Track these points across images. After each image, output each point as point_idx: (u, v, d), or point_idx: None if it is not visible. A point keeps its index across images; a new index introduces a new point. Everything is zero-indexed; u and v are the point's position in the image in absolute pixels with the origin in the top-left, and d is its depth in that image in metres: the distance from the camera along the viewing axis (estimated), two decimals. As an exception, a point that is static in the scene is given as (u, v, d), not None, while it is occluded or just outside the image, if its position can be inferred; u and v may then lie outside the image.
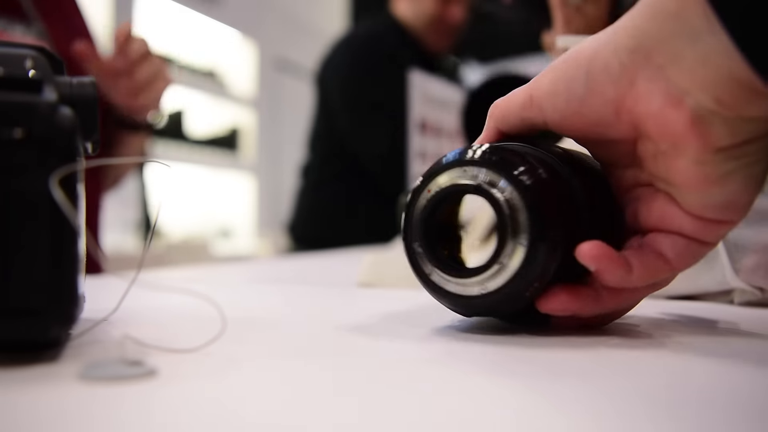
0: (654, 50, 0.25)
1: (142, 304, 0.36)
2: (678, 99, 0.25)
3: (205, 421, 0.17)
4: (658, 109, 0.26)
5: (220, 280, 0.63)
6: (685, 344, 0.28)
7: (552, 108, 0.29)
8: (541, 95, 0.29)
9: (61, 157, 0.21)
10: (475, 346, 0.27)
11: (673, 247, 0.28)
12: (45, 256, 0.21)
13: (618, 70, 0.26)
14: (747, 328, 0.33)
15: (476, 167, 0.28)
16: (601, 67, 0.27)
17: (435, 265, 0.29)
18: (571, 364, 0.24)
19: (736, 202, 0.27)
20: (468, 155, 0.28)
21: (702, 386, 0.22)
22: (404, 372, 0.23)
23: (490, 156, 0.28)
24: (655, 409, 0.19)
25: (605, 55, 0.27)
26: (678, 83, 0.25)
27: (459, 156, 0.28)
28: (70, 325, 0.23)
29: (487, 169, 0.27)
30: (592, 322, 0.31)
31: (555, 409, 0.18)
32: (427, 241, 0.29)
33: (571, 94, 0.28)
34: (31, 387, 0.20)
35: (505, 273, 0.27)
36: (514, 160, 0.27)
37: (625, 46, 0.26)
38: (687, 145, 0.26)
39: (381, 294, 0.47)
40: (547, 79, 0.29)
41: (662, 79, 0.25)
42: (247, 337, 0.28)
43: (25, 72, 0.24)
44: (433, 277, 0.29)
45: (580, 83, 0.27)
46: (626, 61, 0.26)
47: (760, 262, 0.40)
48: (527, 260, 0.27)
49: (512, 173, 0.27)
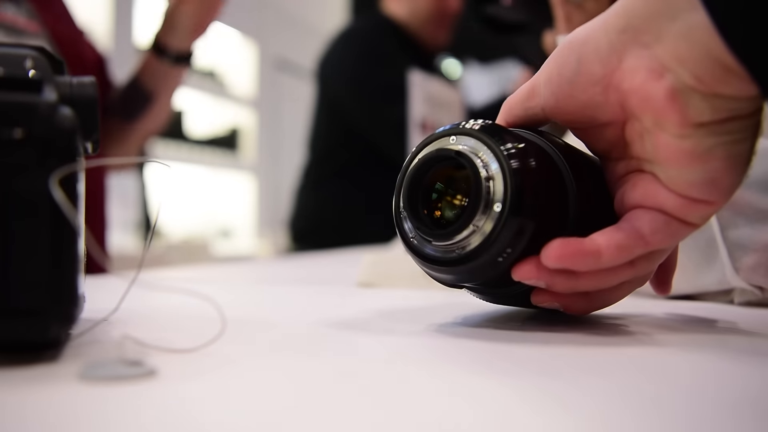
0: (641, 29, 0.26)
1: (142, 304, 0.36)
2: (659, 73, 0.26)
3: (205, 421, 0.17)
4: (640, 83, 0.27)
5: (220, 280, 0.63)
6: (684, 344, 0.28)
7: (548, 93, 0.30)
8: (539, 83, 0.30)
9: (61, 157, 0.21)
10: (474, 346, 0.27)
11: (651, 222, 0.28)
12: (45, 256, 0.21)
13: (607, 50, 0.27)
14: (747, 328, 0.33)
15: (465, 136, 0.29)
16: (591, 49, 0.28)
17: (416, 226, 0.29)
18: (568, 362, 0.24)
19: (718, 181, 0.27)
20: (460, 126, 0.29)
21: (701, 386, 0.22)
22: (404, 372, 0.23)
23: (481, 128, 0.29)
24: (654, 409, 0.19)
25: (596, 36, 0.28)
26: (661, 59, 0.26)
27: (451, 126, 0.30)
28: (70, 325, 0.23)
29: (474, 139, 0.28)
30: (573, 311, 0.31)
31: (552, 410, 0.18)
32: (410, 203, 0.30)
33: (563, 77, 0.29)
34: (31, 387, 0.20)
35: (478, 236, 0.27)
36: (502, 135, 0.28)
37: (615, 27, 0.27)
38: (667, 118, 0.27)
39: (381, 294, 0.47)
40: (546, 67, 0.30)
41: (647, 56, 0.26)
42: (247, 337, 0.28)
43: (25, 72, 0.24)
44: (415, 240, 0.30)
45: (572, 66, 0.28)
46: (615, 41, 0.27)
47: (760, 261, 0.40)
48: (498, 224, 0.27)
49: (497, 145, 0.28)
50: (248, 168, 3.15)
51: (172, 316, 0.34)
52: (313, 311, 0.37)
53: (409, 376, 0.22)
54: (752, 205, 0.40)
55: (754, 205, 0.40)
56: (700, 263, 0.42)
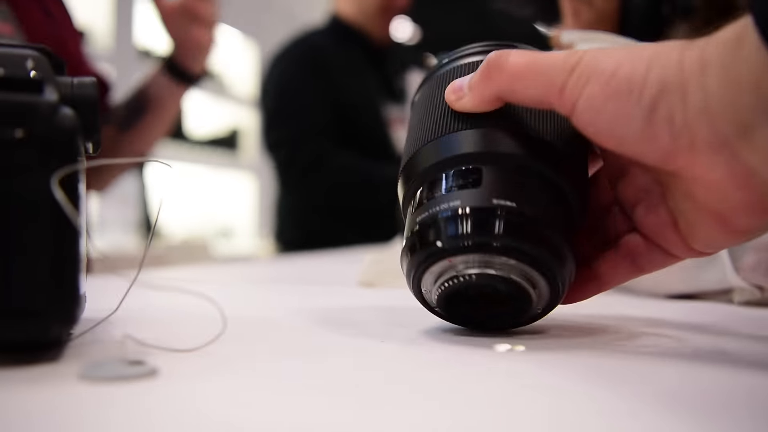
0: (723, 118, 0.22)
1: (142, 304, 0.36)
2: (745, 178, 0.23)
3: (205, 421, 0.17)
4: (718, 182, 0.23)
5: (220, 280, 0.63)
6: (684, 344, 0.28)
7: (587, 117, 0.25)
8: (577, 94, 0.25)
9: (62, 157, 0.21)
10: (475, 346, 0.27)
11: (651, 261, 0.29)
12: (46, 256, 0.21)
13: (680, 126, 0.23)
14: (747, 328, 0.33)
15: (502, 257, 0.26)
16: (664, 115, 0.23)
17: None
18: (565, 364, 0.24)
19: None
20: (488, 239, 0.26)
21: (701, 386, 0.22)
22: (404, 372, 0.23)
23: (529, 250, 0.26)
24: (653, 410, 0.19)
25: (671, 102, 0.23)
26: (747, 160, 0.22)
27: (478, 238, 0.26)
28: (70, 325, 0.23)
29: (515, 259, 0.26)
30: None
31: (549, 412, 0.19)
32: (447, 310, 0.29)
33: (620, 122, 0.24)
34: (32, 387, 0.20)
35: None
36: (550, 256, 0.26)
37: (693, 104, 0.23)
38: (742, 220, 0.24)
39: (381, 294, 0.47)
40: (595, 88, 0.25)
41: (728, 152, 0.23)
42: (247, 337, 0.28)
43: (26, 72, 0.24)
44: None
45: (636, 118, 0.24)
46: (691, 121, 0.23)
47: (760, 261, 0.40)
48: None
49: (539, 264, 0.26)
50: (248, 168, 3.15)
51: (172, 316, 0.34)
52: (314, 311, 0.37)
53: (410, 377, 0.22)
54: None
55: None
56: (700, 263, 0.42)
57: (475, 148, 0.27)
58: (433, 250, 0.26)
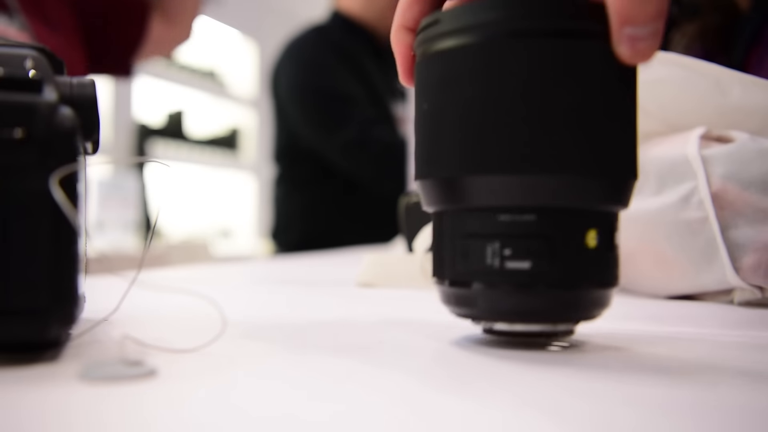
0: None
1: (142, 304, 0.36)
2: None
3: (205, 421, 0.17)
4: None
5: (220, 280, 0.63)
6: (683, 344, 0.28)
7: None
8: None
9: (62, 157, 0.21)
10: (475, 346, 0.27)
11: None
12: (45, 256, 0.21)
13: None
14: (746, 328, 0.33)
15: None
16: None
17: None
18: (562, 363, 0.24)
19: None
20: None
21: (701, 386, 0.22)
22: (404, 372, 0.23)
23: None
24: (652, 412, 0.19)
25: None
26: None
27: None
28: (70, 325, 0.23)
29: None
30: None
31: (546, 416, 0.18)
32: None
33: None
34: (32, 387, 0.20)
35: None
36: None
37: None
38: None
39: (381, 294, 0.47)
40: None
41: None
42: (247, 337, 0.28)
43: (26, 72, 0.24)
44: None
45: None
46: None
47: (760, 261, 0.40)
48: None
49: None
50: (248, 168, 3.15)
51: (172, 316, 0.34)
52: (313, 311, 0.37)
53: (409, 377, 0.22)
54: (752, 205, 0.40)
55: (754, 205, 0.40)
56: (700, 263, 0.42)
57: None
58: None
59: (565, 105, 0.23)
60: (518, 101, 0.23)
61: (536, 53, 0.23)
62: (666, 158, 0.44)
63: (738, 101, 0.44)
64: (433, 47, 0.25)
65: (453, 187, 0.25)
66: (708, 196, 0.41)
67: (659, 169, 0.45)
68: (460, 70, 0.24)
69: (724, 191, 0.41)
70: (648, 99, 0.47)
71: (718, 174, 0.41)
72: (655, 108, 0.47)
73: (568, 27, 0.23)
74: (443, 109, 0.25)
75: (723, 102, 0.44)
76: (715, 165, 0.41)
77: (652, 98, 0.47)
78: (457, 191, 0.25)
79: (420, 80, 0.27)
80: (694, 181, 0.42)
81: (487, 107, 0.23)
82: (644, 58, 0.23)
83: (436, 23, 0.25)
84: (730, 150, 0.41)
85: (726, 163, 0.41)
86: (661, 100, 0.47)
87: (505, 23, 0.23)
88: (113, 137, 2.27)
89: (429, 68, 0.26)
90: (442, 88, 0.25)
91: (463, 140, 0.24)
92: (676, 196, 0.43)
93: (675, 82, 0.45)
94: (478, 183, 0.24)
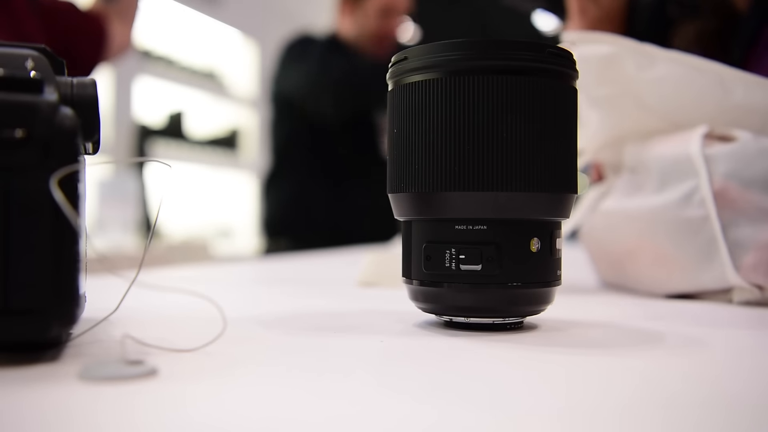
0: None
1: (142, 304, 0.36)
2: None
3: (205, 421, 0.17)
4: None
5: (220, 280, 0.63)
6: (683, 344, 0.28)
7: None
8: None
9: (62, 157, 0.21)
10: (475, 346, 0.27)
11: None
12: (46, 256, 0.21)
13: None
14: (746, 328, 0.33)
15: None
16: None
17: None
18: (560, 363, 0.24)
19: None
20: None
21: (701, 386, 0.22)
22: (404, 372, 0.23)
23: None
24: (651, 410, 0.19)
25: None
26: None
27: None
28: (70, 324, 0.23)
29: None
30: None
31: (542, 414, 0.19)
32: None
33: None
34: (32, 387, 0.20)
35: None
36: None
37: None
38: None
39: (381, 294, 0.47)
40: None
41: None
42: (247, 337, 0.28)
43: (26, 72, 0.24)
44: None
45: None
46: None
47: (760, 260, 0.40)
48: None
49: None
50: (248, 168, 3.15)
51: (172, 316, 0.34)
52: (313, 311, 0.37)
53: (409, 376, 0.22)
54: (754, 204, 0.40)
55: (755, 205, 0.40)
56: (700, 261, 0.42)
57: None
58: None
59: (513, 132, 0.27)
60: (473, 129, 0.28)
61: (488, 88, 0.28)
62: (668, 156, 0.44)
63: (741, 99, 0.44)
64: (403, 80, 0.30)
65: (419, 201, 0.29)
66: (710, 194, 0.41)
67: (661, 167, 0.45)
68: (425, 102, 0.29)
69: (725, 190, 0.41)
70: (650, 96, 0.47)
71: (720, 173, 0.41)
72: (657, 105, 0.47)
73: (516, 65, 0.28)
74: (410, 134, 0.29)
75: (725, 100, 0.44)
76: (718, 164, 0.41)
77: (654, 95, 0.47)
78: (423, 204, 0.29)
79: (392, 108, 0.31)
80: (696, 179, 0.42)
81: (447, 134, 0.28)
82: None
83: (405, 60, 0.30)
84: (733, 149, 0.41)
85: (728, 161, 0.41)
86: (663, 98, 0.47)
87: (462, 62, 0.28)
88: (113, 137, 2.26)
89: (399, 98, 0.30)
90: (410, 116, 0.29)
91: (426, 162, 0.28)
92: (677, 194, 0.43)
93: (677, 79, 0.45)
94: (439, 198, 0.29)
